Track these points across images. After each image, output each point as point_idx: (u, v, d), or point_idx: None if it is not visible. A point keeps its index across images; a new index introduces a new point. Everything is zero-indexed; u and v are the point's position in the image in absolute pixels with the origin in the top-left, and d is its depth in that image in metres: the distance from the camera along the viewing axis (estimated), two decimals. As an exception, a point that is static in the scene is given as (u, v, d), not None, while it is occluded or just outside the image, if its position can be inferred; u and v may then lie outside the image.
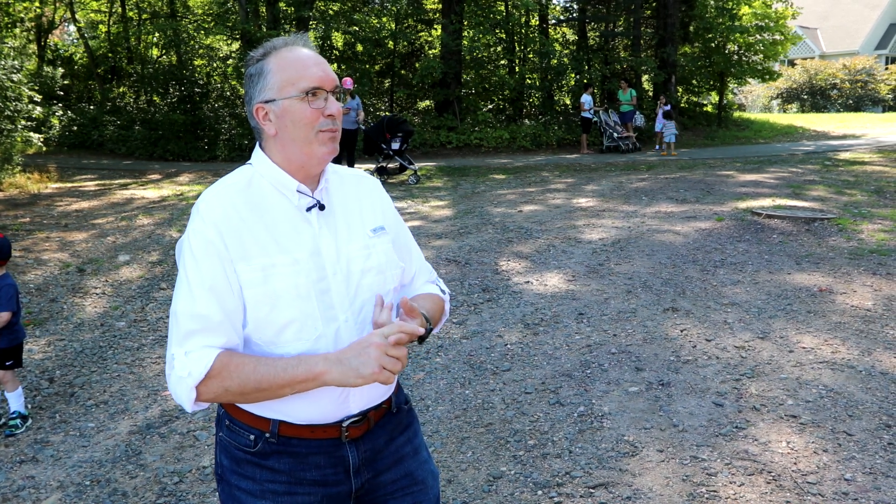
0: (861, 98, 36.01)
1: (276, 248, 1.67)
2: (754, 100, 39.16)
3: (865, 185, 11.73)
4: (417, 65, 24.83)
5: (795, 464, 3.70)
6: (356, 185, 1.90)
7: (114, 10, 27.29)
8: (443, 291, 2.04)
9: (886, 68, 37.30)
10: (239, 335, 1.67)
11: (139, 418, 4.59)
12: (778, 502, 3.38)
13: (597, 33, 27.77)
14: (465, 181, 14.93)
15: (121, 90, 25.83)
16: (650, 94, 25.52)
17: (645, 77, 26.21)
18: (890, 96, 35.57)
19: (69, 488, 3.80)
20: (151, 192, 13.67)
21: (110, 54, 27.56)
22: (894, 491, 3.43)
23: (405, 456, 1.92)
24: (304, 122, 1.68)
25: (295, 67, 1.69)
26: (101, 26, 28.62)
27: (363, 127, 15.72)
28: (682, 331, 5.60)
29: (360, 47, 23.66)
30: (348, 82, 14.71)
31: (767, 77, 27.39)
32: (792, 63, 39.08)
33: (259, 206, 1.70)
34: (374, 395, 1.82)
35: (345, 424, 1.76)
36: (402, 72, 26.56)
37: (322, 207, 1.76)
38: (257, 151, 1.78)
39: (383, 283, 1.82)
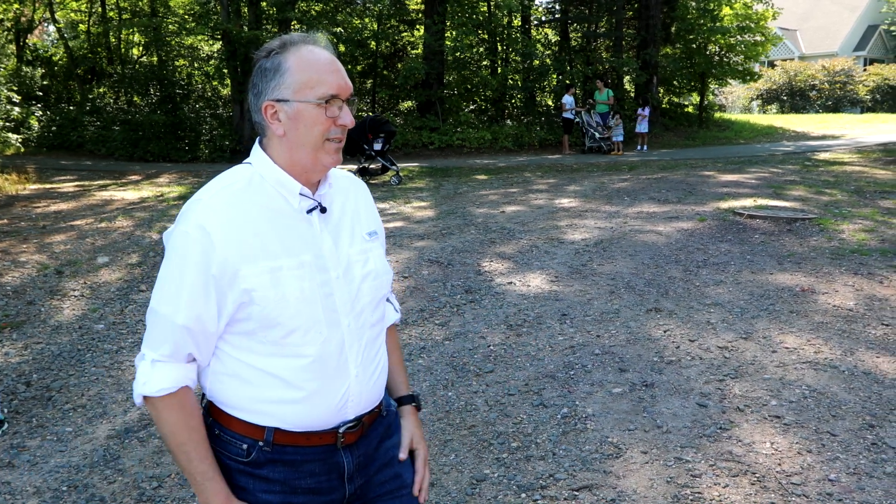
0: (840, 99, 36.32)
1: (281, 250, 1.63)
2: (735, 101, 39.39)
3: (845, 185, 11.80)
4: (400, 65, 24.79)
5: (779, 464, 3.70)
6: (350, 187, 1.87)
7: (94, 11, 27.05)
8: (395, 310, 2.08)
9: (865, 69, 37.63)
10: (209, 348, 1.67)
11: (118, 422, 4.52)
12: (762, 503, 3.37)
13: (579, 34, 27.82)
14: (447, 182, 14.91)
15: (101, 90, 25.61)
16: (632, 94, 25.60)
17: (627, 78, 26.30)
18: (868, 97, 35.90)
19: (46, 494, 3.74)
20: (131, 194, 13.55)
21: (90, 55, 27.32)
22: (878, 491, 3.43)
23: (394, 458, 1.90)
24: (316, 129, 1.64)
25: (315, 70, 1.64)
26: (80, 26, 28.37)
27: (346, 127, 15.65)
28: (665, 331, 5.60)
29: (342, 48, 23.58)
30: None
31: (748, 78, 27.59)
32: (772, 64, 39.34)
33: (261, 206, 1.65)
34: (370, 399, 1.80)
35: (341, 430, 1.74)
36: (385, 72, 26.49)
37: (323, 210, 1.72)
38: (258, 151, 1.72)
39: (379, 288, 1.81)
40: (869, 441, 3.90)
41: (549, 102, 26.33)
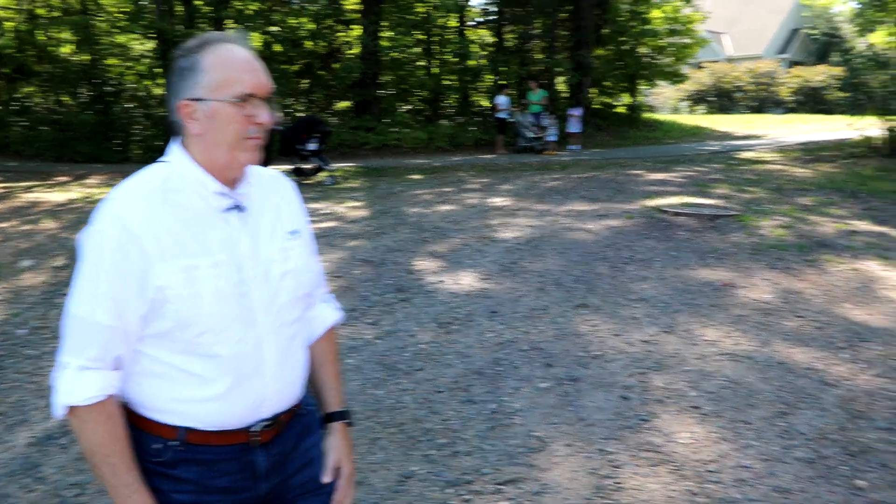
0: (764, 100, 37.43)
1: (198, 249, 1.63)
2: (664, 101, 40.25)
3: (766, 184, 12.19)
4: (336, 65, 24.64)
5: (697, 453, 3.83)
6: (274, 185, 1.88)
7: (22, 8, 26.18)
8: (335, 310, 2.12)
9: (788, 72, 38.84)
10: (131, 347, 1.66)
11: (38, 429, 4.43)
12: (680, 491, 3.49)
13: (514, 35, 28.06)
14: (382, 182, 14.91)
15: (29, 90, 24.83)
16: (565, 95, 25.93)
17: (560, 78, 26.63)
18: (791, 98, 37.07)
19: (-38, 504, 3.65)
20: (58, 195, 13.22)
21: (17, 53, 26.43)
22: (788, 476, 3.58)
23: (314, 459, 1.91)
24: (232, 128, 1.64)
25: (232, 69, 1.64)
26: (7, 24, 27.40)
27: (280, 128, 15.52)
28: (591, 327, 5.72)
29: (279, 47, 23.35)
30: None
31: (676, 79, 28.23)
32: (700, 66, 40.28)
33: (177, 205, 1.65)
34: (287, 397, 1.81)
35: (256, 429, 1.74)
36: (321, 72, 26.30)
37: (242, 209, 1.73)
38: (176, 149, 1.73)
39: (300, 287, 1.82)
40: (781, 428, 4.06)
41: (485, 103, 26.52)
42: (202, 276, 1.62)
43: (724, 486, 3.52)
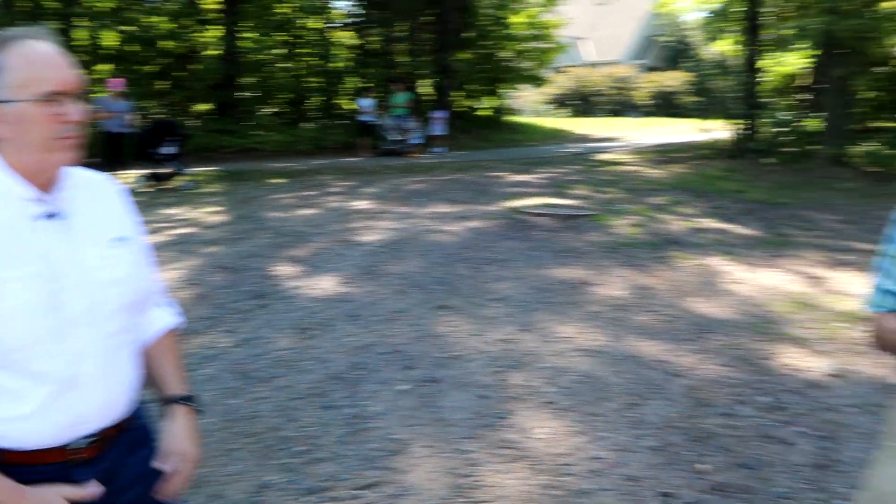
0: (623, 104, 39.07)
1: (6, 260, 1.51)
2: (526, 104, 41.27)
3: (621, 184, 12.70)
4: (196, 66, 23.90)
5: (552, 447, 3.90)
6: (100, 190, 1.76)
7: None
8: (172, 315, 1.99)
9: (644, 77, 40.67)
10: None
11: None
12: (536, 485, 3.55)
13: (378, 38, 28.03)
14: (242, 186, 14.55)
15: None
16: (429, 97, 26.13)
17: (425, 81, 26.83)
18: (647, 102, 38.88)
19: None
20: None
21: None
22: (638, 464, 3.72)
23: (146, 473, 1.80)
24: (40, 129, 1.53)
25: (34, 67, 1.52)
26: None
27: (134, 130, 14.89)
28: (451, 327, 5.76)
29: (131, 47, 22.39)
30: (118, 83, 13.97)
31: (537, 83, 29.04)
32: (561, 70, 41.54)
33: None
34: (113, 411, 1.70)
35: (77, 446, 1.64)
36: (179, 73, 25.40)
37: (58, 215, 1.61)
38: None
39: (126, 295, 1.71)
40: (631, 419, 4.21)
41: (349, 105, 26.36)
42: (10, 289, 1.51)
43: (578, 478, 3.61)
